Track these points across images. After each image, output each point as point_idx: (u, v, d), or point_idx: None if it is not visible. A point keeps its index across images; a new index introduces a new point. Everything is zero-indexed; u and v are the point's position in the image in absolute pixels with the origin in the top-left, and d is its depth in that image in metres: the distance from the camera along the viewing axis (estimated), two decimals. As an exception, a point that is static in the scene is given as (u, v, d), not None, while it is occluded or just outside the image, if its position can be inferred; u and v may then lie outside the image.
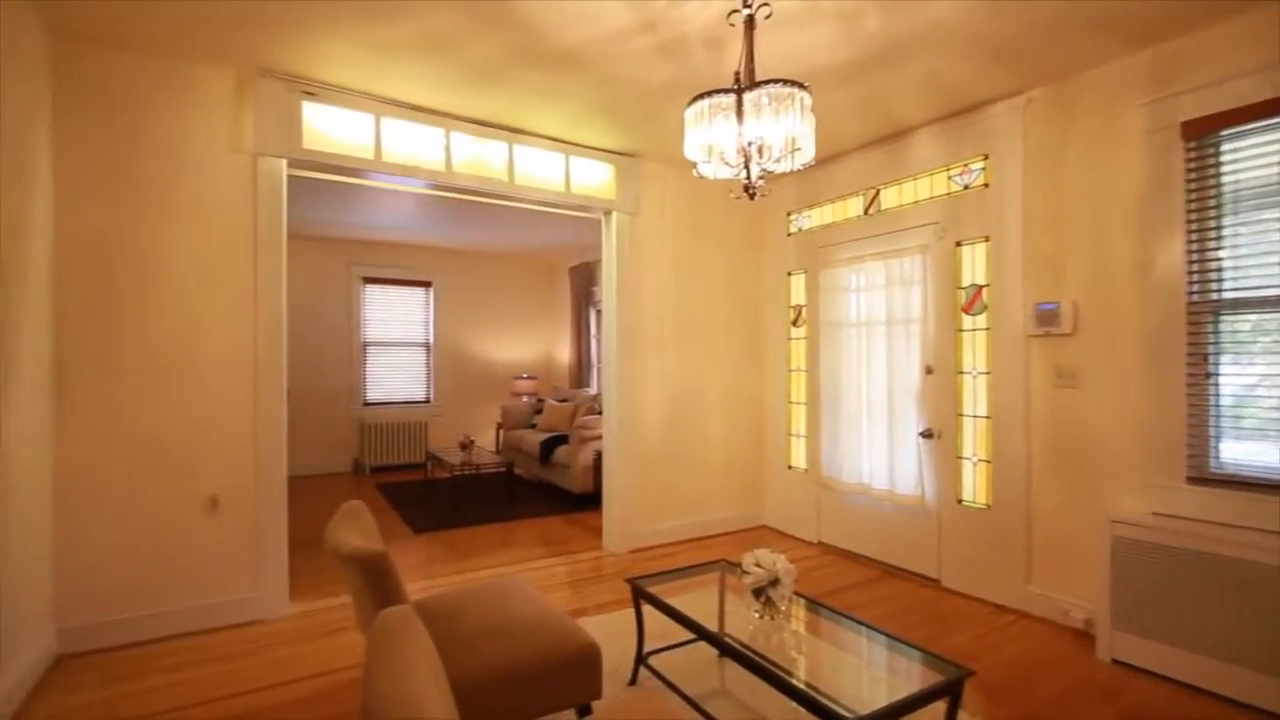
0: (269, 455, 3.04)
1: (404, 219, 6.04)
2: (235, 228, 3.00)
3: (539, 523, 4.89)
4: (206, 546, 2.94)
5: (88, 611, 2.73)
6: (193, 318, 2.92)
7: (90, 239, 2.76)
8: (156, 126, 2.84)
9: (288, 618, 3.06)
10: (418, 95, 3.23)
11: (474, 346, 7.80)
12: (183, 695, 2.37)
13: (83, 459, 2.73)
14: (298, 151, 3.03)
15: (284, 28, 2.61)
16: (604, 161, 4.01)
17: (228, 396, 2.99)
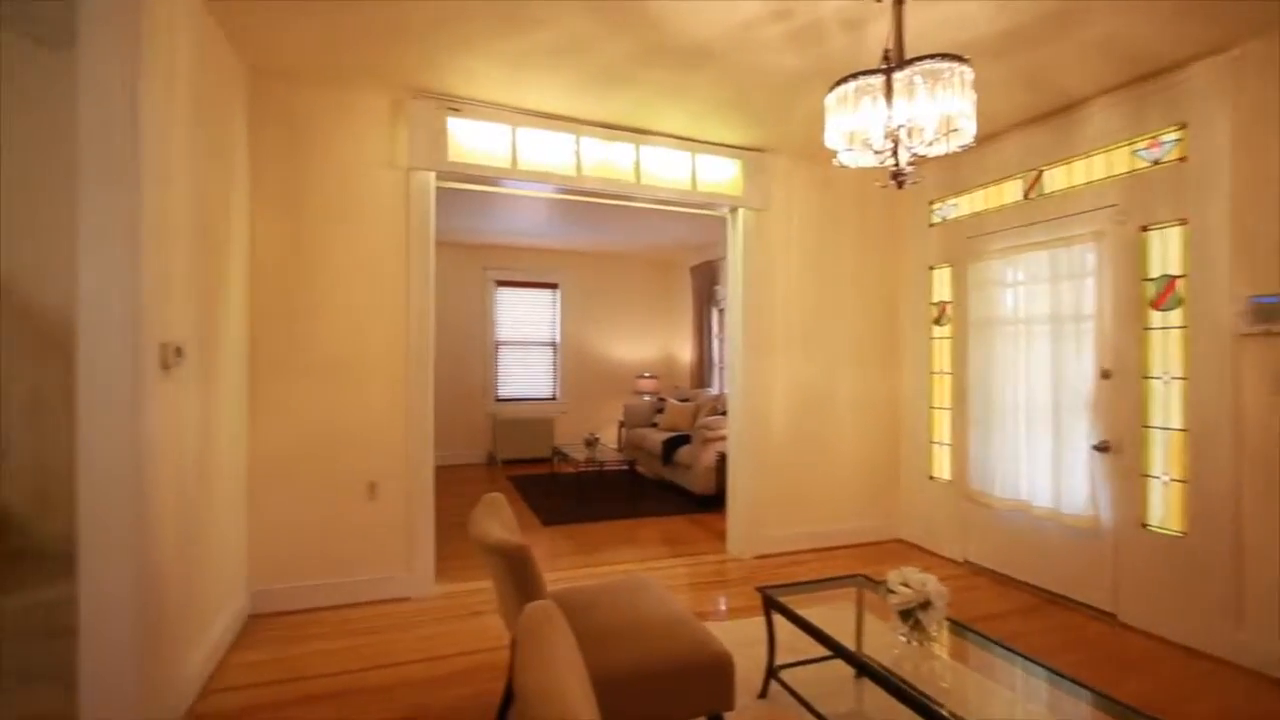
0: (418, 446, 3.29)
1: (533, 224, 6.32)
2: (390, 238, 3.27)
3: (661, 522, 4.90)
4: (366, 528, 3.24)
5: (272, 579, 3.10)
6: (355, 322, 3.23)
7: (274, 252, 3.13)
8: (328, 148, 3.17)
9: (434, 597, 3.29)
10: (550, 103, 3.35)
11: (597, 345, 8.01)
12: (344, 660, 2.62)
13: (268, 448, 3.11)
14: (444, 164, 3.25)
15: (432, 51, 2.80)
16: (730, 158, 3.93)
17: (384, 392, 3.27)
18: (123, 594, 1.87)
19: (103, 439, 1.84)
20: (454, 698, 2.35)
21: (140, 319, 1.87)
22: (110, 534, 1.86)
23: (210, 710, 2.27)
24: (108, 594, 1.85)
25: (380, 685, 2.44)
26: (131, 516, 1.88)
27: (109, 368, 1.84)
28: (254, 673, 2.52)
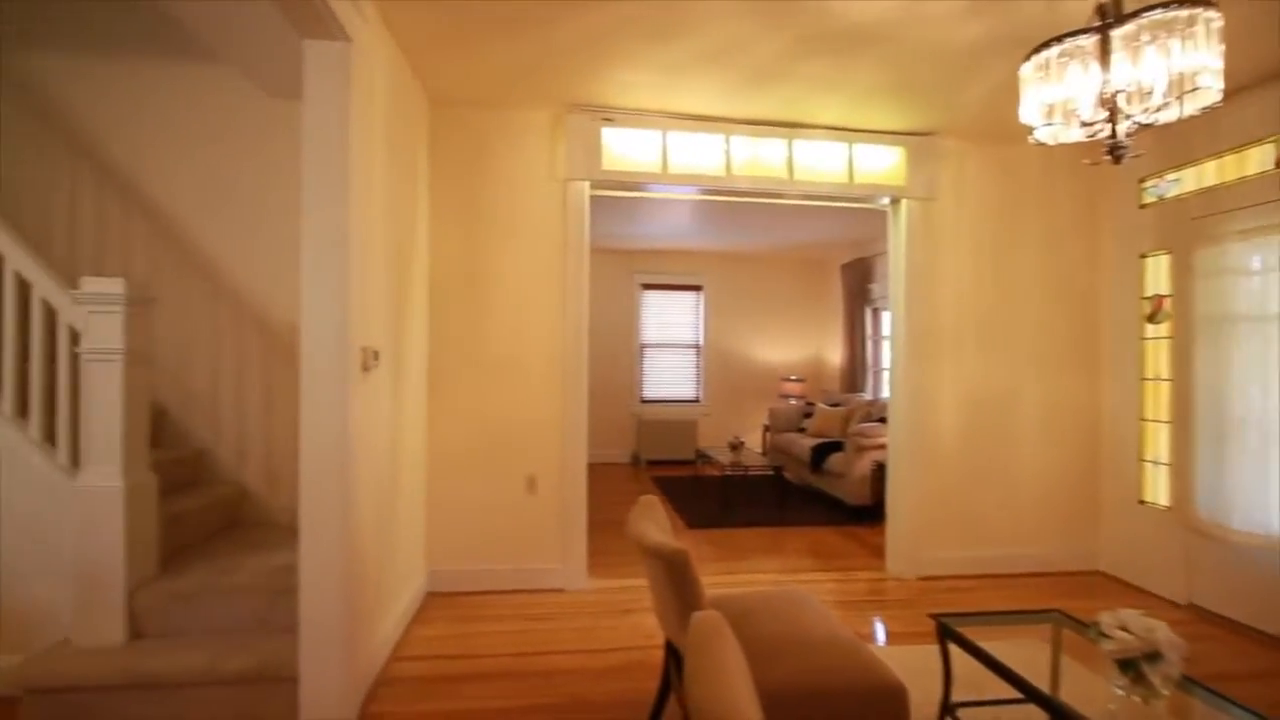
0: (573, 444, 3.43)
1: (678, 227, 6.36)
2: (549, 245, 3.45)
3: (809, 532, 4.69)
4: (526, 519, 3.44)
5: (446, 560, 3.40)
6: (517, 326, 3.44)
7: (450, 263, 3.43)
8: (495, 165, 3.42)
9: (586, 591, 3.41)
10: (699, 105, 3.33)
11: (741, 348, 7.89)
12: (511, 643, 2.79)
13: (443, 442, 3.41)
14: (598, 173, 3.37)
15: (588, 67, 2.91)
16: (891, 145, 3.65)
17: (542, 392, 3.45)
18: (332, 561, 2.13)
19: (318, 430, 2.12)
20: (611, 692, 2.40)
21: (347, 327, 2.13)
22: (323, 510, 2.13)
23: (397, 675, 2.52)
24: (321, 561, 2.13)
25: (543, 670, 2.56)
26: (339, 496, 2.14)
27: (323, 369, 2.11)
28: (433, 646, 2.77)
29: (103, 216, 3.25)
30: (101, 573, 2.28)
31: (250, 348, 3.29)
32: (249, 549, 2.78)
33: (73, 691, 2.13)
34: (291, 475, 3.28)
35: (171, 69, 3.28)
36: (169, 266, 3.26)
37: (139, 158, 3.29)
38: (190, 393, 3.26)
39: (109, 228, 3.26)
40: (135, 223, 3.26)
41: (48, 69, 3.26)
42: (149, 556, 2.42)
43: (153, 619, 2.36)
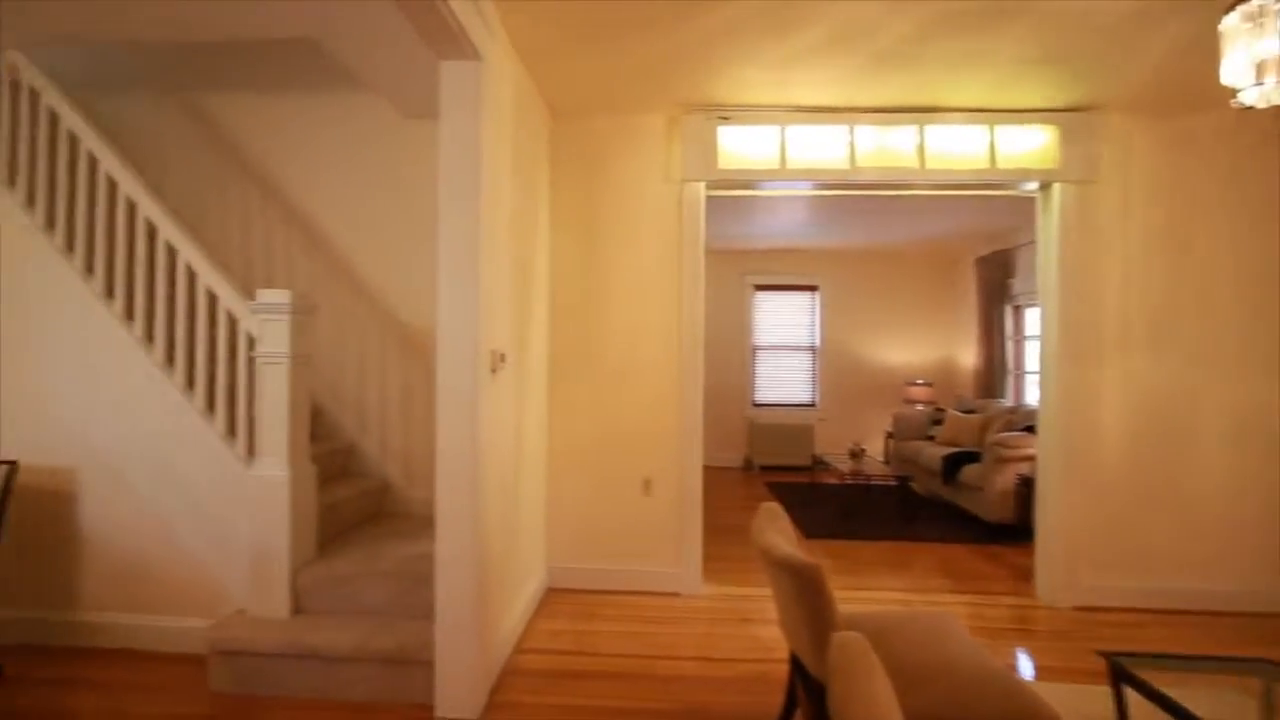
0: (688, 447, 3.40)
1: (793, 225, 6.16)
2: (664, 248, 3.45)
3: (940, 549, 4.34)
4: (642, 521, 3.45)
5: (565, 558, 3.49)
6: (633, 329, 3.47)
7: (568, 266, 3.52)
8: (612, 170, 3.47)
9: (702, 597, 3.36)
10: (819, 96, 3.19)
11: (861, 350, 7.49)
12: (629, 644, 2.80)
13: (562, 441, 3.51)
14: (714, 173, 3.32)
15: (703, 68, 2.88)
16: (1042, 124, 3.29)
17: (657, 394, 3.45)
18: (464, 553, 2.24)
19: (453, 429, 2.24)
20: (731, 704, 2.34)
21: (477, 332, 2.24)
22: (456, 505, 2.24)
23: (521, 666, 2.61)
24: (455, 552, 2.24)
25: (661, 675, 2.55)
26: (470, 492, 2.24)
27: (457, 371, 2.23)
28: (554, 640, 2.85)
29: (269, 234, 3.66)
30: (270, 553, 2.56)
31: (391, 351, 3.57)
32: (392, 538, 3.00)
33: (248, 656, 2.40)
34: (426, 469, 3.52)
35: (323, 100, 3.64)
36: (323, 277, 3.61)
37: (297, 180, 3.67)
38: (340, 392, 3.59)
39: (275, 244, 3.66)
40: (296, 238, 3.64)
41: (225, 108, 3.73)
42: (309, 540, 2.69)
43: (311, 597, 2.61)
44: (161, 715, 2.27)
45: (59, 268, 2.76)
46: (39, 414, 2.78)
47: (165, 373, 2.70)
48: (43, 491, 2.77)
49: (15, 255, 2.79)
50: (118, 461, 2.74)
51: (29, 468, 2.76)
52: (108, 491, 2.76)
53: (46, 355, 2.78)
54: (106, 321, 2.73)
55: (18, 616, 2.77)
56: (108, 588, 2.77)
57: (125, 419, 2.73)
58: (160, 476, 2.71)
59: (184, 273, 2.74)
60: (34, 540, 2.77)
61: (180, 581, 2.73)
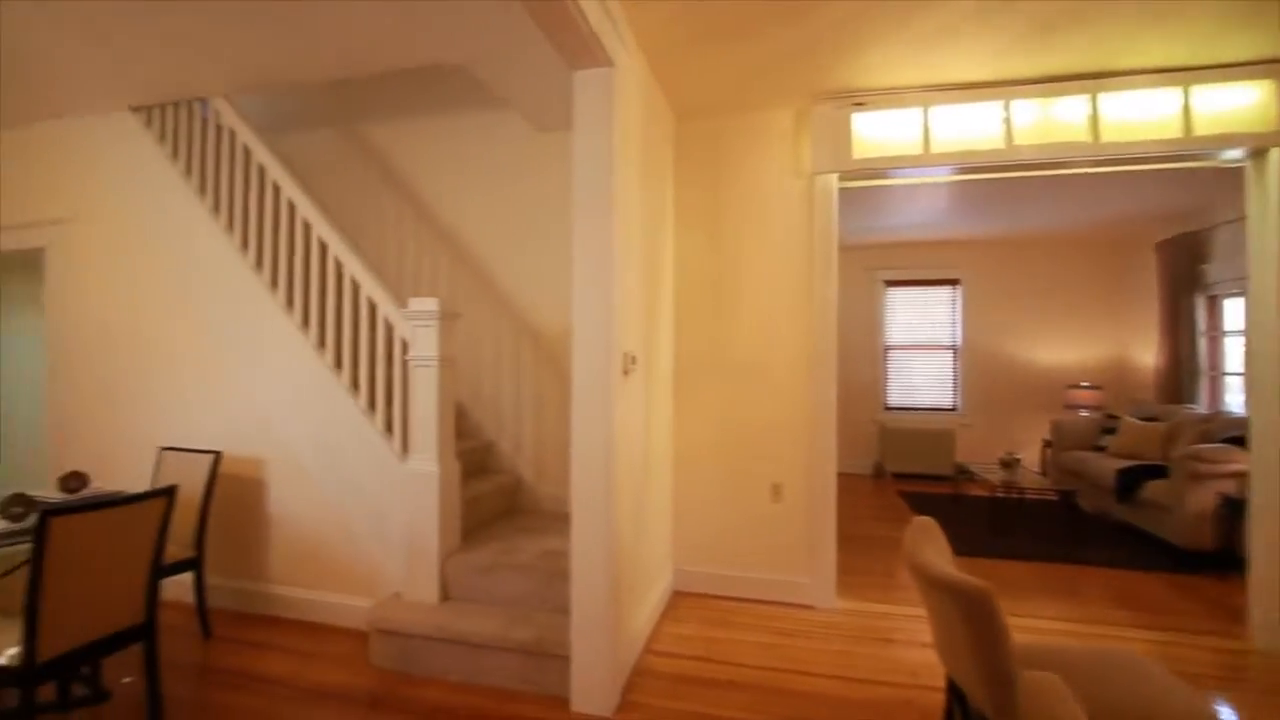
0: (820, 452, 3.24)
1: (931, 214, 5.70)
2: (793, 245, 3.31)
3: (1115, 576, 3.79)
4: (770, 528, 3.34)
5: (691, 561, 3.46)
6: (761, 328, 3.37)
7: (694, 268, 3.49)
8: (738, 169, 3.39)
9: (836, 611, 3.18)
10: (967, 71, 2.90)
11: (1011, 349, 6.79)
12: (756, 654, 2.71)
13: (689, 443, 3.48)
14: (848, 163, 3.13)
15: (837, 55, 2.72)
16: (1251, 81, 2.77)
17: (786, 397, 3.32)
18: (598, 551, 2.27)
19: (588, 429, 2.28)
20: (874, 731, 2.18)
21: (611, 334, 2.26)
22: (591, 503, 2.28)
23: (651, 668, 2.61)
24: (590, 550, 2.28)
25: (796, 691, 2.43)
26: (604, 491, 2.27)
27: (591, 373, 2.27)
28: (683, 645, 2.82)
29: (419, 247, 3.97)
30: (421, 542, 2.75)
31: (525, 354, 3.73)
32: (527, 533, 3.13)
33: (403, 636, 2.60)
34: (556, 467, 3.64)
35: (463, 121, 3.89)
36: (465, 285, 3.86)
37: (442, 196, 3.95)
38: (479, 393, 3.81)
39: (423, 255, 3.97)
40: (442, 250, 3.91)
41: (379, 135, 4.09)
42: (455, 532, 2.86)
43: (457, 585, 2.77)
44: (332, 683, 2.52)
45: (252, 282, 3.17)
46: (237, 410, 3.21)
47: (335, 375, 3.01)
48: (240, 478, 3.19)
49: (220, 273, 3.24)
50: (297, 453, 3.09)
51: (229, 457, 3.18)
52: (289, 480, 3.11)
53: (242, 358, 3.19)
54: (287, 328, 3.09)
55: (223, 584, 3.20)
56: (289, 564, 3.12)
57: (303, 415, 3.07)
58: (332, 468, 3.02)
59: (349, 285, 3.04)
60: (234, 519, 3.19)
61: (347, 563, 3.02)
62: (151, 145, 3.36)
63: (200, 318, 3.28)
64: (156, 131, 3.38)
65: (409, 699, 2.40)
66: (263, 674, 2.59)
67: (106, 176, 3.48)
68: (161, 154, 3.35)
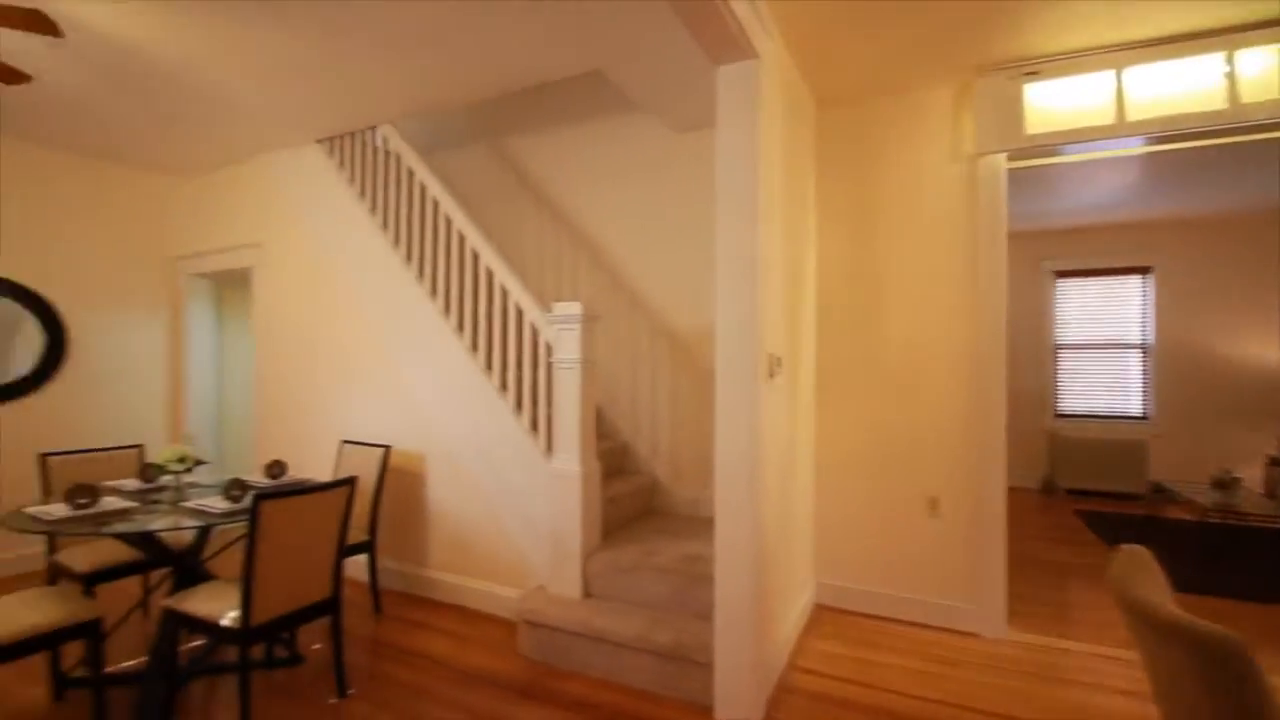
0: (986, 464, 2.92)
1: (1113, 194, 4.97)
2: (951, 236, 3.02)
3: (1388, 628, 3.05)
4: (926, 545, 3.06)
5: (834, 574, 3.27)
6: (914, 327, 3.10)
7: (837, 264, 3.30)
8: (885, 158, 3.16)
9: (1005, 642, 2.85)
10: (1176, 22, 2.47)
11: (1220, 347, 5.74)
12: (910, 682, 2.49)
13: (831, 450, 3.29)
14: (1019, 140, 2.79)
15: (1005, 19, 2.42)
16: None
17: (944, 401, 3.03)
18: (743, 558, 2.20)
19: (732, 433, 2.21)
20: (1065, 787, 1.91)
21: (757, 336, 2.18)
22: (736, 509, 2.21)
23: (796, 685, 2.48)
24: (734, 556, 2.22)
25: (961, 729, 2.20)
26: (749, 497, 2.19)
27: (736, 376, 2.20)
28: (829, 663, 2.66)
29: (558, 252, 4.13)
30: (565, 539, 2.84)
31: (660, 355, 3.74)
32: (665, 535, 3.13)
33: (548, 629, 2.69)
34: (692, 470, 3.61)
35: (598, 128, 3.98)
36: (602, 287, 3.94)
37: (579, 201, 4.07)
38: (616, 394, 3.87)
39: (562, 260, 4.11)
40: (579, 254, 4.04)
41: (521, 146, 4.30)
42: (596, 530, 2.92)
43: (598, 582, 2.83)
44: (485, 666, 2.66)
45: (414, 291, 3.46)
46: (402, 409, 3.52)
47: (486, 376, 3.19)
48: (404, 470, 3.49)
49: (388, 283, 3.57)
50: (453, 449, 3.32)
51: (396, 451, 3.49)
52: (446, 473, 3.36)
53: (406, 361, 3.49)
54: (445, 333, 3.33)
55: (391, 567, 3.52)
56: (446, 552, 3.37)
57: (459, 414, 3.29)
58: (484, 464, 3.21)
59: (499, 291, 3.21)
60: (400, 508, 3.50)
61: (497, 553, 3.19)
62: (333, 172, 3.79)
63: (372, 324, 3.64)
64: (337, 160, 3.81)
65: (554, 690, 2.47)
66: (424, 652, 2.80)
67: (297, 203, 3.98)
68: (341, 180, 3.76)
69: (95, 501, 2.29)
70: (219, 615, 2.09)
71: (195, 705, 2.37)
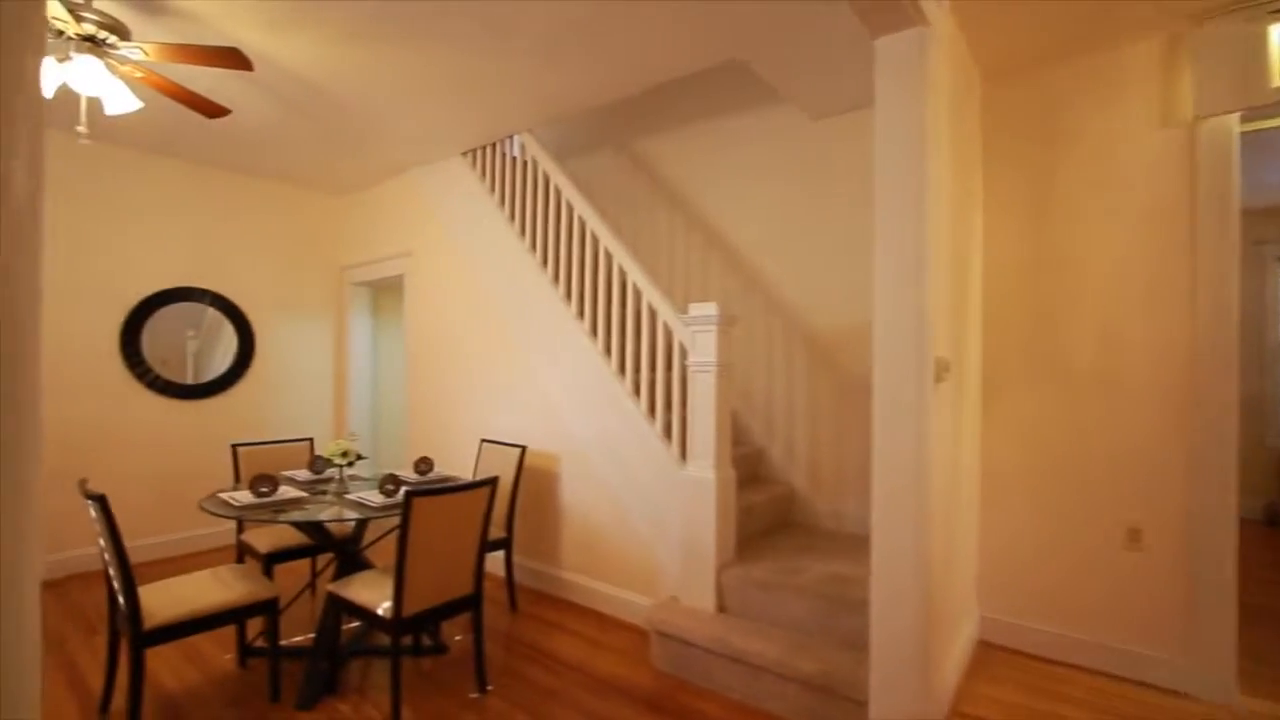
0: (1208, 486, 2.41)
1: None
2: (1155, 217, 2.53)
3: None
4: (1121, 582, 2.60)
5: (998, 608, 2.87)
6: (1107, 325, 2.65)
7: (1008, 254, 2.90)
8: (1065, 134, 2.73)
9: (1230, 708, 2.33)
10: None
11: None
12: (1118, 751, 2.09)
13: (998, 465, 2.90)
14: (1263, 94, 2.27)
15: (1258, -69, 1.97)
16: None
17: (1146, 411, 2.55)
18: (905, 587, 1.96)
19: (893, 444, 1.98)
20: None
21: (923, 335, 1.93)
22: (897, 531, 1.97)
23: (965, 736, 2.18)
24: (894, 585, 1.98)
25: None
26: (913, 517, 1.95)
27: (899, 381, 1.97)
28: (1002, 712, 2.32)
29: (688, 251, 4.03)
30: (698, 549, 2.72)
31: (797, 356, 3.52)
32: (806, 551, 2.91)
33: (681, 643, 2.58)
34: (832, 480, 3.35)
35: (728, 123, 3.83)
36: (735, 287, 3.79)
37: (710, 199, 3.94)
38: (750, 397, 3.70)
39: (692, 260, 4.01)
40: (711, 253, 3.91)
41: (651, 146, 4.25)
42: (730, 542, 2.77)
43: (733, 598, 2.68)
44: (617, 674, 2.61)
45: (550, 294, 3.51)
46: (537, 410, 3.58)
47: (619, 379, 3.16)
48: (539, 470, 3.55)
49: (525, 287, 3.66)
50: (585, 451, 3.32)
51: (531, 451, 3.56)
52: (579, 475, 3.37)
53: (542, 363, 3.55)
54: (578, 336, 3.35)
55: (527, 565, 3.60)
56: (578, 553, 3.37)
57: (591, 416, 3.29)
58: (615, 467, 3.17)
59: (631, 292, 3.17)
60: (536, 507, 3.57)
61: (628, 558, 3.14)
62: (475, 182, 3.96)
63: (509, 327, 3.75)
64: (478, 170, 3.97)
65: (688, 708, 2.36)
66: (557, 654, 2.80)
67: (443, 212, 4.21)
68: (483, 189, 3.92)
69: (274, 490, 2.51)
70: (375, 604, 2.20)
71: (354, 682, 2.53)
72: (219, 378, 4.42)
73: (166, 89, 2.52)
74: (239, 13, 2.46)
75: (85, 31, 2.16)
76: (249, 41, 2.64)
